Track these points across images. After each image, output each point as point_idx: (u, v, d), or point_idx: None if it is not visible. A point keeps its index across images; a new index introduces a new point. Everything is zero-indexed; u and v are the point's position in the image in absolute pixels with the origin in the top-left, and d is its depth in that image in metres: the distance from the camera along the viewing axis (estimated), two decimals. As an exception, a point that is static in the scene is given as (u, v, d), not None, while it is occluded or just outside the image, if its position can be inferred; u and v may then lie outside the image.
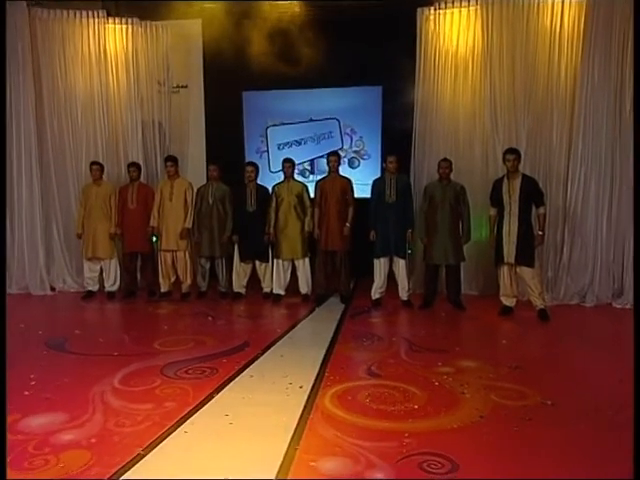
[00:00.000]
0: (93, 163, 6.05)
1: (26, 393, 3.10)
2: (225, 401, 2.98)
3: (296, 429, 2.58)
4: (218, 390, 3.11)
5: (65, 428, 2.62)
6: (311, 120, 7.62)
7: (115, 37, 6.60)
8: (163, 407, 2.87)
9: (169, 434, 2.54)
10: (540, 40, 5.70)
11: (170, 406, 2.88)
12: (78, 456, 2.33)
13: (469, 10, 5.96)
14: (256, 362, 3.66)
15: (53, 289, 6.45)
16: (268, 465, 2.22)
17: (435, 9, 6.05)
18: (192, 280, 6.03)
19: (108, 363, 3.65)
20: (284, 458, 2.29)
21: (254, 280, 5.96)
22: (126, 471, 2.19)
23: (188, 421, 2.69)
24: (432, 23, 6.06)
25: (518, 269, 5.02)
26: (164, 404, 2.91)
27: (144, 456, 2.32)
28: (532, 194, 4.96)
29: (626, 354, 3.53)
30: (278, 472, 2.17)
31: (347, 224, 5.58)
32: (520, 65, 5.74)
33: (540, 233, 5.00)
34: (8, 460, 2.28)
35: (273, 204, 5.73)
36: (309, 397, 2.99)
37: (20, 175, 6.31)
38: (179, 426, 2.63)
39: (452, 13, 6.02)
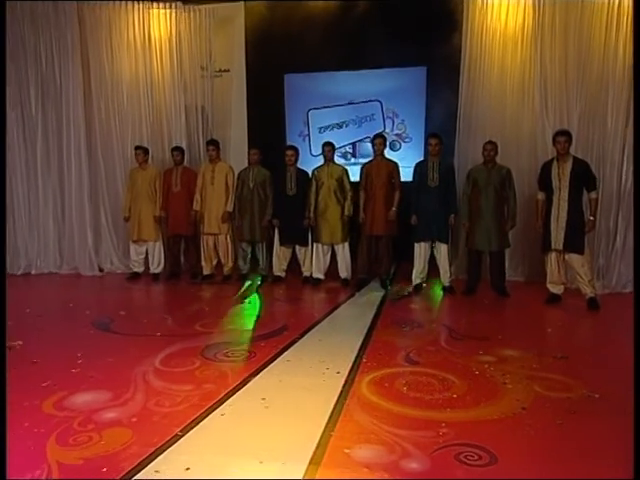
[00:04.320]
0: (137, 147, 6.17)
1: (73, 371, 3.21)
2: (262, 384, 2.99)
3: (331, 415, 2.56)
4: (255, 373, 3.12)
5: (108, 406, 2.69)
6: (353, 103, 7.51)
7: (159, 22, 6.66)
8: (202, 389, 2.91)
9: (206, 416, 2.57)
10: (596, 14, 5.39)
11: (209, 388, 2.92)
12: (119, 434, 2.39)
13: (519, -15, 5.70)
14: (294, 346, 3.65)
15: (101, 270, 6.67)
16: (303, 450, 2.22)
17: (483, -15, 5.81)
18: (233, 263, 6.11)
19: (151, 344, 3.74)
20: (318, 444, 2.28)
21: (294, 264, 5.98)
22: (163, 451, 2.23)
23: (225, 403, 2.71)
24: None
25: (567, 256, 4.83)
26: (203, 386, 2.94)
27: (181, 436, 2.36)
28: (584, 178, 4.73)
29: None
30: (312, 458, 2.16)
31: (393, 208, 5.49)
32: (573, 42, 5.46)
33: (591, 219, 4.77)
34: (55, 434, 2.37)
35: (313, 188, 5.70)
36: (345, 383, 2.97)
37: (69, 159, 6.52)
38: (216, 408, 2.65)
39: (501, -12, 5.77)
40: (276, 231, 5.90)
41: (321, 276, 5.79)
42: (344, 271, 5.73)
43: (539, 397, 2.78)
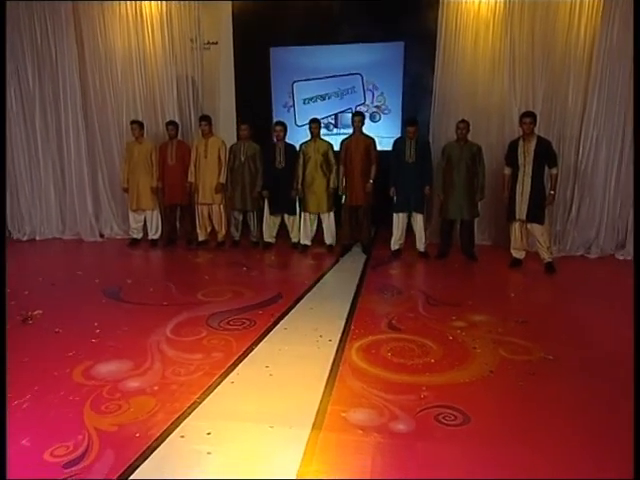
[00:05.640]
0: (133, 122, 6.11)
1: (93, 341, 3.35)
2: (264, 352, 3.17)
3: (327, 381, 2.77)
4: (257, 342, 3.30)
5: (131, 375, 2.85)
6: (335, 76, 7.46)
7: (150, -4, 6.44)
8: (211, 357, 3.07)
9: (218, 384, 2.75)
10: (562, 1, 5.41)
11: (217, 356, 3.09)
12: (145, 402, 2.56)
13: (492, -31, 5.66)
14: (289, 314, 3.83)
15: (102, 235, 6.72)
16: (306, 415, 2.42)
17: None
18: (226, 230, 6.21)
19: (159, 313, 3.88)
20: (318, 408, 2.49)
21: (283, 230, 6.11)
22: (185, 418, 2.41)
23: (234, 372, 2.89)
24: (455, -19, 5.77)
25: (529, 225, 5.08)
26: (212, 354, 3.11)
27: (199, 403, 2.55)
28: (546, 156, 4.93)
29: (625, 306, 3.67)
30: (314, 422, 2.37)
31: (370, 181, 5.62)
32: (540, 26, 5.52)
33: (552, 193, 4.99)
34: (88, 402, 2.54)
35: (300, 161, 5.77)
36: (337, 350, 3.18)
37: (67, 132, 6.43)
38: (226, 376, 2.83)
39: (475, -29, 5.72)
40: (266, 201, 5.98)
41: (308, 242, 5.95)
42: (329, 238, 5.90)
43: (504, 361, 3.04)
